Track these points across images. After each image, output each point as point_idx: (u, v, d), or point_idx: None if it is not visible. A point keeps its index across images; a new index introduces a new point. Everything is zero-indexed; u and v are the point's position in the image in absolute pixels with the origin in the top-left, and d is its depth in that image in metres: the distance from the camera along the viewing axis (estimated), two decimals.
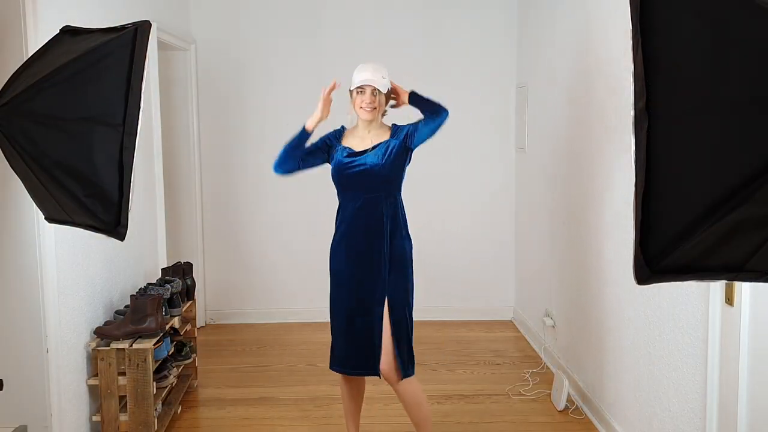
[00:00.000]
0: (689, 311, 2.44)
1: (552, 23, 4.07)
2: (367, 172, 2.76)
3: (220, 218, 5.06)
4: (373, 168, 2.75)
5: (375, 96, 2.76)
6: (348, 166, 2.78)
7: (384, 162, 2.75)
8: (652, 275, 1.18)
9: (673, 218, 1.15)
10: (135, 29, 1.72)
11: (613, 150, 3.09)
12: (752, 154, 1.08)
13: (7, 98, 1.73)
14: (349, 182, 2.79)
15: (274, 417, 3.49)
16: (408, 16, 4.94)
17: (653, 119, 1.12)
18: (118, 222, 1.72)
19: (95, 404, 3.06)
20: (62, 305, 2.78)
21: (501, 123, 5.03)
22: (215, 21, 4.91)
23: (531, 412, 3.52)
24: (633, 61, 1.12)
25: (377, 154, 2.76)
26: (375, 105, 2.76)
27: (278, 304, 5.13)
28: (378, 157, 2.76)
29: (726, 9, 1.08)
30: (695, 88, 1.11)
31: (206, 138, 4.98)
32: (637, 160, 1.13)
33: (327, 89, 2.85)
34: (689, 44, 1.12)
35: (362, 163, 2.77)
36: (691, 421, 2.44)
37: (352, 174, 2.78)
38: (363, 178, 2.76)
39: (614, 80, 3.06)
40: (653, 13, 1.12)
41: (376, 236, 2.76)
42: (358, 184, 2.78)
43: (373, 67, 2.77)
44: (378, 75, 2.75)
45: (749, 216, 1.10)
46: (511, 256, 5.11)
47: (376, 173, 2.75)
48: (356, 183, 2.78)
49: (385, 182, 2.78)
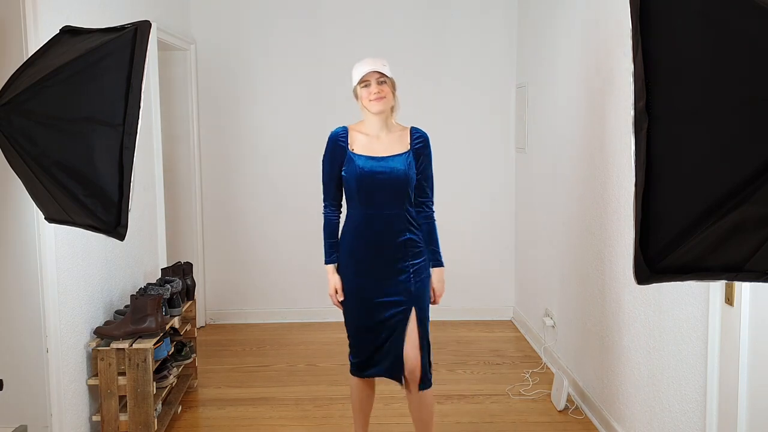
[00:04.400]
0: (689, 311, 2.44)
1: (552, 23, 4.07)
2: (394, 179, 2.63)
3: (220, 218, 5.06)
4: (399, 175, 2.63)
5: (381, 84, 2.61)
6: (372, 173, 2.63)
7: (408, 170, 2.65)
8: (652, 275, 1.18)
9: (673, 218, 1.15)
10: (135, 29, 1.71)
11: (613, 150, 3.09)
12: (752, 154, 1.08)
13: (8, 98, 1.73)
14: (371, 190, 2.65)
15: (274, 417, 3.49)
16: (408, 16, 4.94)
17: (653, 119, 1.12)
18: (118, 222, 1.72)
19: (95, 404, 3.06)
20: (62, 305, 2.78)
21: (501, 123, 5.03)
22: (215, 21, 4.91)
23: (531, 412, 3.52)
24: (633, 61, 1.12)
25: (401, 161, 2.65)
26: (383, 94, 2.61)
27: (278, 304, 5.13)
28: (403, 164, 2.65)
29: (726, 9, 1.08)
30: (695, 88, 1.11)
31: (206, 138, 4.98)
32: (637, 160, 1.13)
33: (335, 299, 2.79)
34: (689, 44, 1.12)
35: (388, 170, 2.63)
36: (691, 421, 2.44)
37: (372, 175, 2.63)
38: (387, 183, 2.63)
39: (614, 80, 3.06)
40: (653, 13, 1.12)
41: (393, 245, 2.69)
42: (381, 192, 2.64)
43: (371, 59, 2.65)
44: (378, 63, 2.63)
45: (749, 216, 1.10)
46: (511, 256, 5.11)
47: (402, 180, 2.64)
48: (380, 191, 2.64)
49: (408, 188, 2.67)
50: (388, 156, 2.66)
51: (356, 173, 2.64)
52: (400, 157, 2.66)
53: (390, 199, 2.66)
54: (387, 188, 2.64)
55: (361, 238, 2.71)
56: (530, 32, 4.61)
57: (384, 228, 2.68)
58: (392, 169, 2.63)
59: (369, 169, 2.63)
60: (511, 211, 5.09)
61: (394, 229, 2.68)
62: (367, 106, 2.65)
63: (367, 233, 2.70)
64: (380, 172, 2.63)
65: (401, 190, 2.66)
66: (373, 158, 2.65)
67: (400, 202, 2.67)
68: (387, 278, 2.70)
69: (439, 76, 4.95)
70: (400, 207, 2.67)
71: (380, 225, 2.68)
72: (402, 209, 2.68)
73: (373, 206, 2.67)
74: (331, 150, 2.70)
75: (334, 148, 2.70)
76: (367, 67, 2.62)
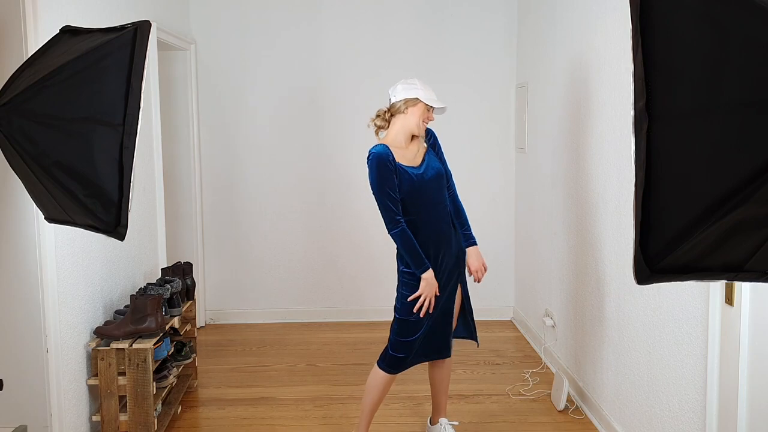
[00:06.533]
0: (689, 311, 2.44)
1: (552, 23, 4.07)
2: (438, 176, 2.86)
3: (220, 218, 5.06)
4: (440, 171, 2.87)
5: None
6: (423, 178, 2.80)
7: (443, 165, 2.93)
8: (652, 275, 1.18)
9: (673, 218, 1.15)
10: (135, 29, 1.71)
11: (613, 150, 3.09)
12: (752, 154, 1.08)
13: (7, 98, 1.73)
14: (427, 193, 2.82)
15: (274, 417, 3.49)
16: (409, 16, 4.94)
17: (653, 119, 1.12)
18: (118, 222, 1.72)
19: (95, 404, 3.06)
20: (62, 305, 2.78)
21: (501, 123, 5.03)
22: (215, 21, 4.91)
23: (531, 412, 3.52)
24: (633, 61, 1.12)
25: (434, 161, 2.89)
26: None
27: (278, 304, 5.13)
28: (437, 163, 2.89)
29: (726, 9, 1.08)
30: (695, 88, 1.11)
31: (206, 138, 4.98)
32: (637, 160, 1.13)
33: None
34: (689, 44, 1.12)
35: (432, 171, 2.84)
36: (691, 421, 2.44)
37: (426, 181, 2.81)
38: (435, 183, 2.85)
39: (614, 80, 3.06)
40: (653, 13, 1.11)
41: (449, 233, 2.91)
42: (432, 190, 2.83)
43: (434, 93, 2.88)
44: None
45: (749, 216, 1.10)
46: (511, 256, 5.11)
47: (442, 176, 2.88)
48: (431, 189, 2.83)
49: (448, 182, 2.96)
50: (423, 162, 2.85)
51: (412, 182, 2.77)
52: (431, 158, 2.88)
53: (441, 198, 2.87)
54: (437, 189, 2.85)
55: (430, 240, 2.83)
56: (530, 32, 4.61)
57: (444, 225, 2.88)
58: (435, 169, 2.85)
59: (419, 176, 2.80)
60: (511, 211, 5.09)
61: (448, 221, 2.91)
62: (417, 125, 2.83)
63: (433, 236, 2.84)
64: (429, 177, 2.82)
65: (444, 186, 2.91)
66: (415, 167, 2.83)
67: (445, 197, 2.91)
68: (449, 270, 2.90)
69: (439, 76, 4.94)
70: (446, 201, 2.91)
71: (440, 224, 2.87)
72: (445, 201, 2.91)
73: (429, 207, 2.84)
74: (383, 168, 2.72)
75: (386, 167, 2.73)
76: (442, 104, 2.85)
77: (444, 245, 2.87)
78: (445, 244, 2.88)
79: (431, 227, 2.83)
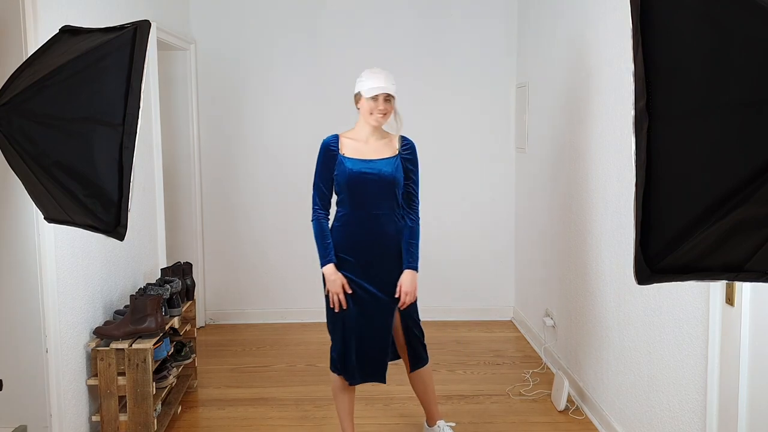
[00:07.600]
0: (689, 311, 2.44)
1: (552, 23, 4.07)
2: (382, 181, 2.78)
3: (220, 218, 5.06)
4: (388, 177, 2.79)
5: (386, 102, 2.76)
6: (361, 174, 2.77)
7: (395, 172, 2.81)
8: (652, 275, 1.18)
9: (673, 218, 1.15)
10: (135, 29, 1.71)
11: (613, 150, 3.09)
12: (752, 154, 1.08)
13: (7, 98, 1.72)
14: (361, 190, 2.79)
15: (274, 417, 3.49)
16: (409, 16, 4.94)
17: (653, 119, 1.12)
18: (118, 222, 1.72)
19: (95, 404, 3.06)
20: (62, 305, 2.78)
21: (501, 123, 5.03)
22: (215, 21, 4.91)
23: (531, 412, 3.52)
24: (633, 61, 1.12)
25: (389, 164, 2.80)
26: (388, 111, 2.78)
27: (278, 304, 5.12)
28: (391, 167, 2.80)
29: (726, 9, 1.08)
30: (695, 88, 1.11)
31: (206, 138, 4.98)
32: (637, 160, 1.13)
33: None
34: (689, 44, 1.12)
35: (376, 171, 2.78)
36: (691, 421, 2.44)
37: (365, 179, 2.77)
38: (375, 185, 2.78)
39: (614, 80, 3.06)
40: (653, 13, 1.11)
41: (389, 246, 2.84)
42: (370, 193, 2.79)
43: (385, 76, 2.77)
44: (389, 82, 2.76)
45: (749, 216, 1.10)
46: (511, 256, 5.11)
47: (389, 181, 2.79)
48: (369, 191, 2.78)
49: (396, 189, 2.82)
50: (377, 159, 2.80)
51: (347, 175, 2.78)
52: (389, 161, 2.82)
53: (379, 200, 2.80)
54: (375, 189, 2.79)
55: (352, 237, 2.83)
56: (530, 32, 4.61)
57: (373, 227, 2.82)
58: (380, 170, 2.79)
59: (358, 171, 2.77)
60: (511, 211, 5.08)
61: (391, 235, 2.84)
62: (368, 120, 2.79)
63: (358, 232, 2.82)
64: (369, 174, 2.78)
65: (389, 191, 2.81)
66: (362, 161, 2.79)
67: (388, 203, 2.82)
68: (377, 275, 2.84)
69: (439, 76, 4.95)
70: (387, 207, 2.82)
71: (370, 224, 2.81)
72: (390, 210, 2.83)
73: (363, 206, 2.81)
74: (323, 156, 2.85)
75: (326, 155, 2.84)
76: (380, 84, 2.73)
77: (378, 255, 2.82)
78: (380, 255, 2.83)
79: (364, 228, 2.81)
